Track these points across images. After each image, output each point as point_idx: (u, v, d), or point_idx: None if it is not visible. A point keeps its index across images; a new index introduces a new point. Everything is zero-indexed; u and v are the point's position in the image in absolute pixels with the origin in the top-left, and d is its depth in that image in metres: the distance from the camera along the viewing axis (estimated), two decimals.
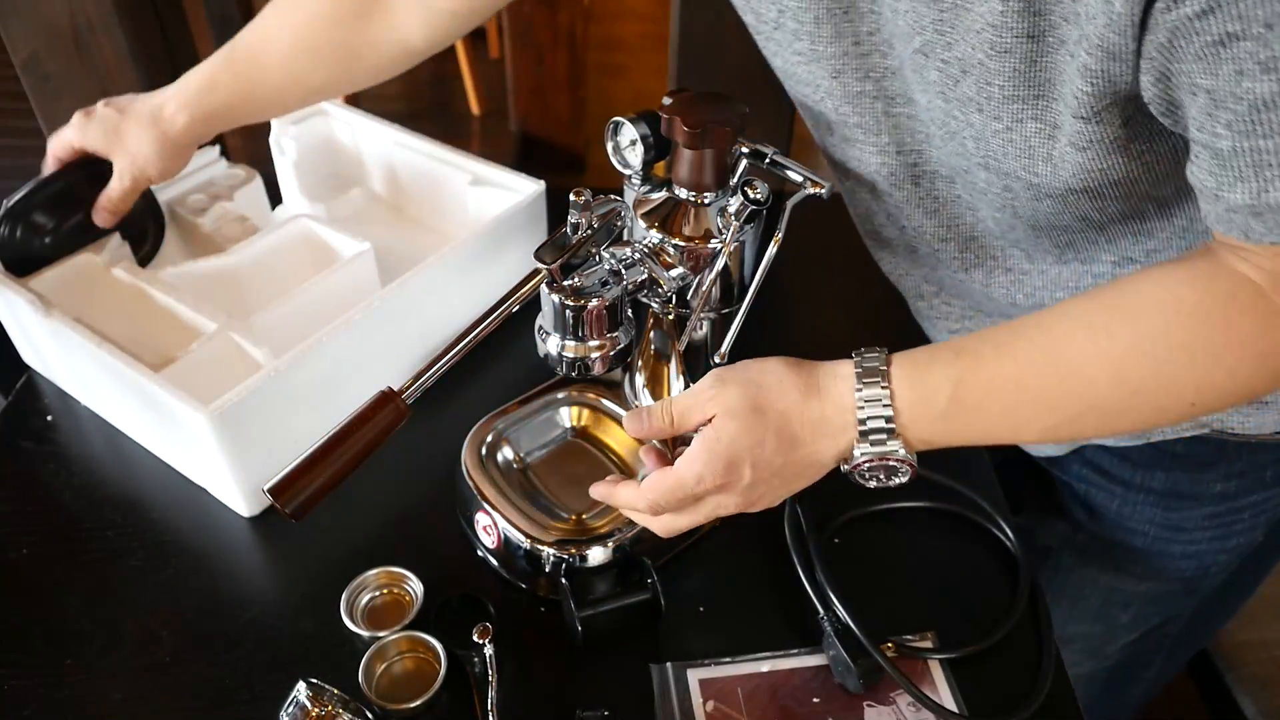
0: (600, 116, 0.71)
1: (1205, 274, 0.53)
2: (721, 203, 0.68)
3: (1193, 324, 0.53)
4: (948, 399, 0.57)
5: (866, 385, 0.57)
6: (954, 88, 0.58)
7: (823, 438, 0.59)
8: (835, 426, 0.58)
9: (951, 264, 0.75)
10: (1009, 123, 0.56)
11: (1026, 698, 0.68)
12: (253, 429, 0.76)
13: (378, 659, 0.68)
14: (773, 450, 0.58)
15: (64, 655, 0.71)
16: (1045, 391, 0.56)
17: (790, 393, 0.59)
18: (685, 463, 0.59)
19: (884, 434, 0.58)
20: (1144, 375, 0.54)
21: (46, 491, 0.82)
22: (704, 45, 1.27)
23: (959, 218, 0.71)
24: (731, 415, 0.59)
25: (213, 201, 0.97)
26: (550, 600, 0.74)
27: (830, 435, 0.59)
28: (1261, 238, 0.50)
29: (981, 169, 0.62)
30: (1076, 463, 0.84)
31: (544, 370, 0.76)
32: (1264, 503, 0.80)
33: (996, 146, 0.59)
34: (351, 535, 0.79)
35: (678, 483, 0.60)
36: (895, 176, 0.70)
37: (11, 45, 1.32)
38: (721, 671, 0.70)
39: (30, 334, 0.89)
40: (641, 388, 0.79)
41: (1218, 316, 0.52)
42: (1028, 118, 0.56)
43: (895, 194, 0.71)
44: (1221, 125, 0.47)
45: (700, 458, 0.59)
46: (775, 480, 0.60)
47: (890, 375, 0.57)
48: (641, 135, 0.68)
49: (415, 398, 0.63)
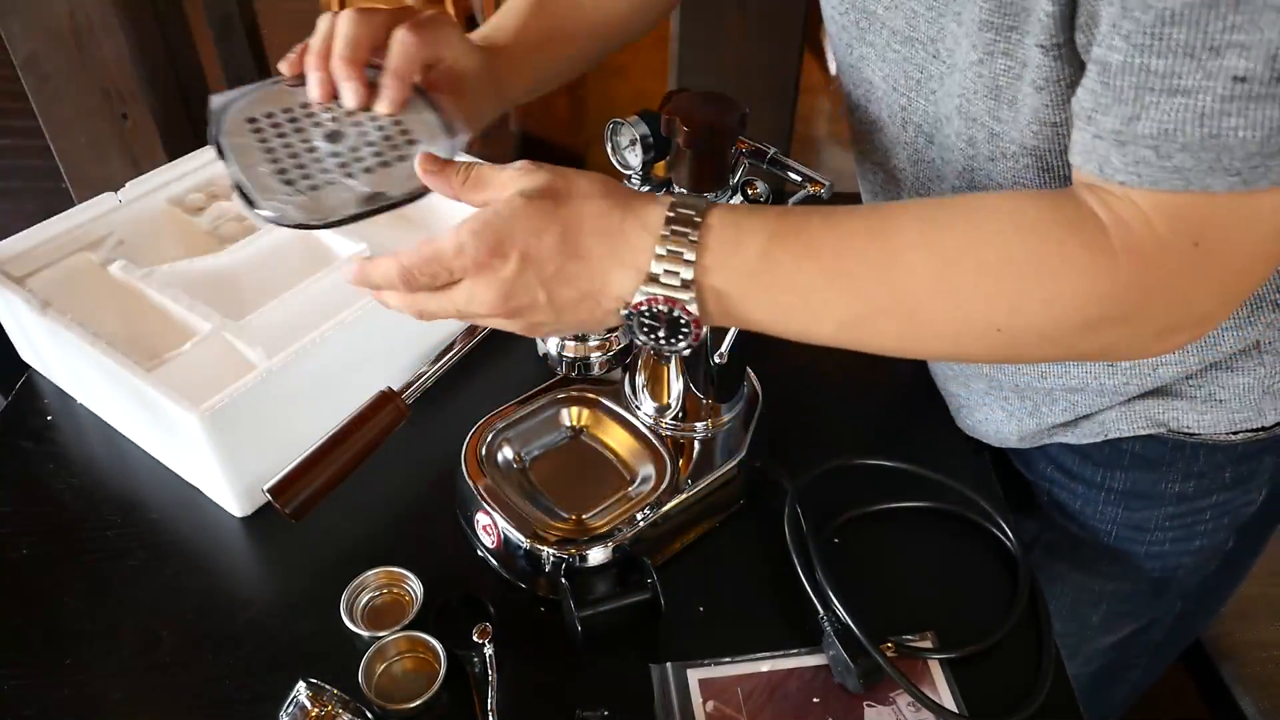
0: (600, 116, 0.71)
1: (1055, 198, 0.52)
2: (721, 202, 0.68)
3: (1028, 239, 0.51)
4: (758, 253, 0.53)
5: (679, 215, 0.53)
6: (949, 4, 0.56)
7: (611, 258, 0.53)
8: (629, 249, 0.53)
9: None
10: (982, 54, 0.55)
11: (1026, 698, 0.68)
12: (245, 430, 0.76)
13: (378, 659, 0.68)
14: (551, 248, 0.53)
15: (64, 655, 0.71)
16: (860, 274, 0.53)
17: (597, 198, 0.54)
18: (452, 231, 0.54)
19: (679, 280, 0.52)
20: (964, 279, 0.51)
21: (46, 491, 0.82)
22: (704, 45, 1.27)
23: (930, 182, 0.69)
24: (522, 192, 0.53)
25: (211, 201, 0.97)
26: (550, 600, 0.74)
27: (620, 258, 0.53)
28: (1114, 174, 0.48)
29: (957, 115, 0.60)
30: (1042, 461, 0.85)
31: (544, 370, 0.76)
32: (1225, 504, 0.79)
33: (970, 81, 0.57)
34: (351, 535, 0.79)
35: (435, 251, 0.54)
36: (890, 110, 0.69)
37: (11, 45, 1.32)
38: (721, 671, 0.70)
39: (28, 332, 0.89)
40: (641, 388, 0.79)
41: (1054, 239, 0.50)
42: (999, 51, 0.54)
43: (889, 128, 0.70)
44: (1120, 37, 0.45)
45: (468, 225, 0.53)
46: (540, 292, 0.54)
47: (708, 212, 0.53)
48: (641, 135, 0.68)
49: (415, 398, 0.63)
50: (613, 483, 0.78)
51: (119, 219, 0.93)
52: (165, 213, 0.97)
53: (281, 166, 0.60)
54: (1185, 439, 0.75)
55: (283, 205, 0.58)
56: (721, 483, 0.78)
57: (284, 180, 0.59)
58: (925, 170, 0.69)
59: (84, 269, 0.89)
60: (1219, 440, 0.74)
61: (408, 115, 0.63)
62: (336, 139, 0.62)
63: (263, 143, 0.62)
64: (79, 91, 1.35)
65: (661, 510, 0.74)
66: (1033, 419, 0.79)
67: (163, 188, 0.97)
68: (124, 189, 0.95)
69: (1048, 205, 0.52)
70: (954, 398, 0.86)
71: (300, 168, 0.60)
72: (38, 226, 0.89)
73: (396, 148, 0.61)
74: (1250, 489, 0.79)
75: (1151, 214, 0.48)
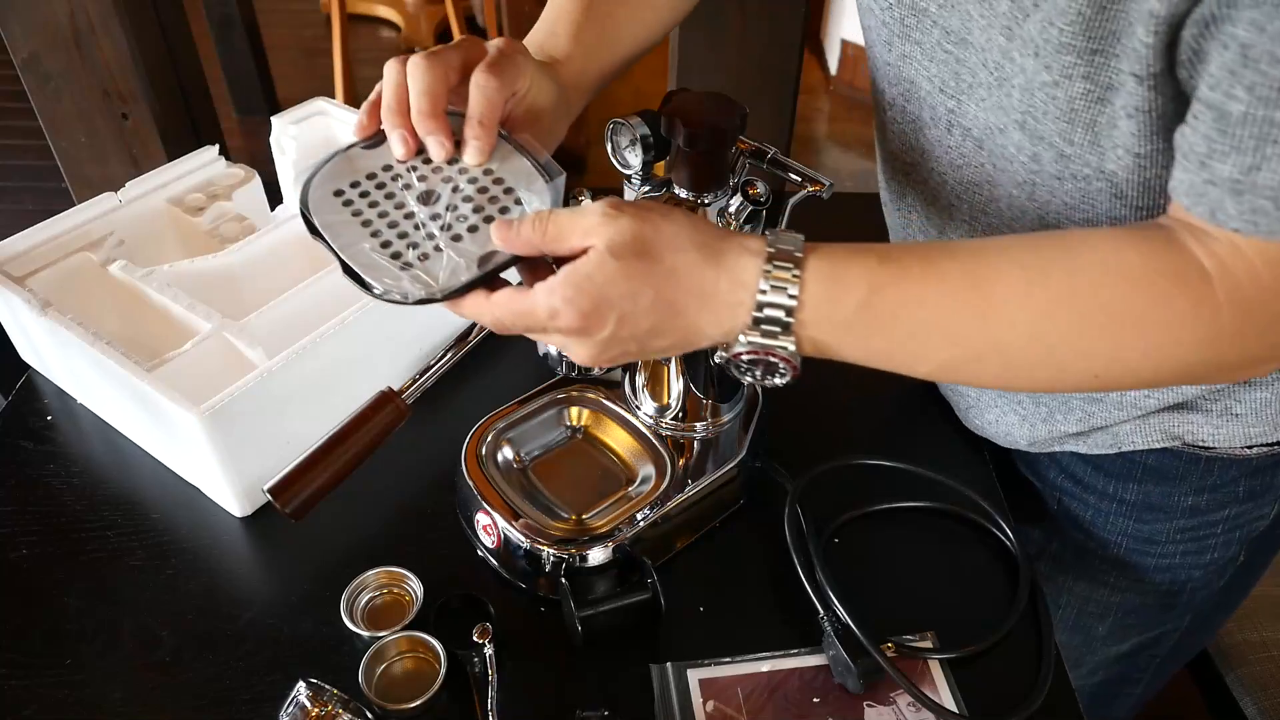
0: (600, 116, 0.70)
1: (1158, 244, 0.50)
2: (721, 203, 0.68)
3: (1130, 290, 0.50)
4: (858, 304, 0.52)
5: (776, 267, 0.51)
6: (1021, 23, 0.53)
7: (709, 312, 0.52)
8: (727, 303, 0.52)
9: (960, 228, 0.72)
10: (1058, 76, 0.52)
11: (1026, 698, 0.68)
12: (245, 430, 0.76)
13: (378, 659, 0.68)
14: (647, 309, 0.52)
15: (64, 655, 0.71)
16: (960, 322, 0.52)
17: (688, 250, 0.51)
18: (545, 293, 0.52)
19: (778, 326, 0.51)
20: (1064, 330, 0.51)
21: (46, 491, 0.82)
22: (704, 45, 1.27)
23: (977, 186, 0.67)
24: (614, 253, 0.51)
25: (211, 201, 0.97)
26: (550, 600, 0.74)
27: (717, 311, 0.52)
28: (1228, 221, 0.47)
29: (1017, 128, 0.58)
30: (1053, 470, 0.84)
31: (544, 370, 0.76)
32: (1237, 518, 0.78)
33: (1040, 101, 0.54)
34: (351, 535, 0.79)
35: (529, 311, 0.53)
36: (935, 112, 0.67)
37: (11, 45, 1.32)
38: (721, 671, 0.70)
39: (28, 332, 0.89)
40: (641, 388, 0.79)
41: (1158, 291, 0.50)
42: (1078, 75, 0.51)
43: (931, 130, 0.68)
44: (1242, 87, 0.44)
45: (562, 293, 0.51)
46: (634, 345, 0.53)
47: (805, 264, 0.51)
48: (641, 135, 0.68)
49: (415, 398, 0.63)
50: (613, 483, 0.78)
51: (119, 219, 0.93)
52: (165, 213, 0.97)
53: (384, 240, 0.57)
54: (1200, 452, 0.74)
55: (397, 283, 0.55)
56: (721, 483, 0.78)
57: (391, 254, 0.56)
58: (973, 174, 0.67)
59: (84, 269, 0.89)
60: (1233, 454, 0.73)
61: (498, 163, 0.60)
62: (431, 199, 0.58)
63: (357, 215, 0.58)
64: (79, 91, 1.35)
65: (661, 510, 0.74)
66: (1045, 425, 0.78)
67: (163, 188, 0.97)
68: (124, 189, 0.95)
69: (1150, 252, 0.50)
70: (962, 398, 0.86)
71: (403, 237, 0.57)
72: (38, 226, 0.89)
73: (496, 200, 0.58)
74: (1263, 503, 0.78)
75: (1259, 263, 0.48)
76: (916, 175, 0.74)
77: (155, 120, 1.39)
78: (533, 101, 0.64)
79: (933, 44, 0.64)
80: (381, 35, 3.66)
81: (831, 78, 3.40)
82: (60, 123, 1.40)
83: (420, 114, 0.59)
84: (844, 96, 3.35)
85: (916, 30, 0.65)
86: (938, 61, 0.64)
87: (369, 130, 0.62)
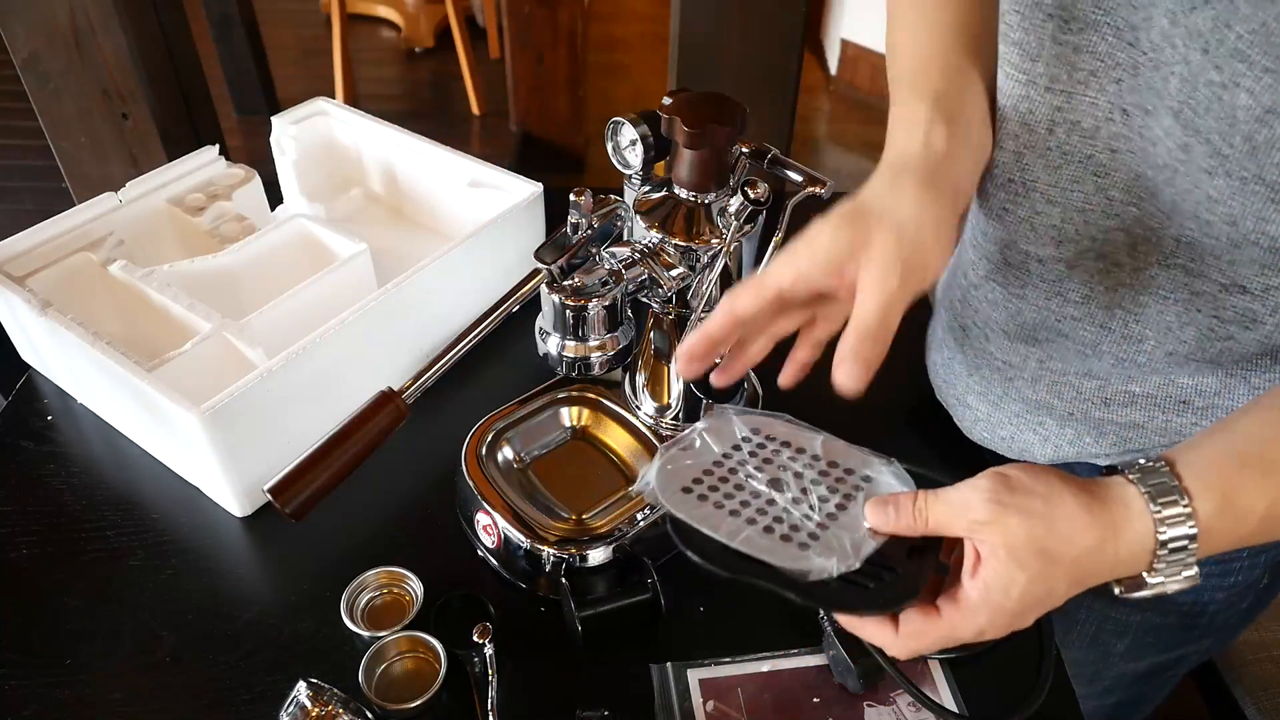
0: (600, 116, 0.71)
1: None
2: (721, 203, 0.68)
3: None
4: (1258, 522, 0.51)
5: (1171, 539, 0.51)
6: (1187, 14, 0.49)
7: (1115, 574, 0.53)
8: (1128, 564, 0.52)
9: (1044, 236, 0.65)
10: (1225, 79, 0.49)
11: (1026, 698, 0.68)
12: (245, 430, 0.76)
13: (378, 659, 0.68)
14: (1062, 595, 0.52)
15: (64, 655, 0.71)
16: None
17: (1084, 537, 0.51)
18: (964, 618, 0.52)
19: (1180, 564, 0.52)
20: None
21: (46, 491, 0.82)
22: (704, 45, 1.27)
23: (1077, 183, 0.62)
24: (1018, 562, 0.50)
25: (211, 201, 0.97)
26: (550, 600, 0.74)
27: (1123, 572, 0.53)
28: None
29: (1170, 115, 0.54)
30: None
31: (544, 370, 0.76)
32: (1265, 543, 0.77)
33: (1202, 98, 0.51)
34: (351, 535, 0.79)
35: (949, 634, 0.53)
36: (1030, 115, 0.62)
37: (11, 45, 1.32)
38: (721, 671, 0.70)
39: (28, 332, 0.89)
40: (641, 388, 0.79)
41: None
42: (1244, 88, 0.48)
43: (1020, 136, 0.63)
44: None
45: (984, 613, 0.51)
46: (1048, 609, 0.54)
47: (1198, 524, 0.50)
48: (641, 135, 0.68)
49: (415, 398, 0.63)
50: (613, 483, 0.78)
51: (119, 219, 0.93)
52: (165, 213, 0.97)
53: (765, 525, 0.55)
54: None
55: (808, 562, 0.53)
56: None
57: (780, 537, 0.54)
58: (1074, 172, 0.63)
59: (84, 269, 0.89)
60: None
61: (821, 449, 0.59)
62: (783, 486, 0.57)
63: (720, 508, 0.56)
64: (79, 91, 1.35)
65: (661, 510, 0.74)
66: (1071, 447, 0.76)
67: (163, 188, 0.97)
68: (124, 189, 0.95)
69: None
70: (969, 410, 0.82)
71: (779, 521, 0.55)
72: (38, 226, 0.89)
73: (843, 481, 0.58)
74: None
75: None
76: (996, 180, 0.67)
77: (155, 120, 1.39)
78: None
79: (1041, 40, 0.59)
80: (381, 35, 3.66)
81: (831, 78, 3.40)
82: (60, 123, 1.40)
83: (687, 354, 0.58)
84: (844, 96, 3.35)
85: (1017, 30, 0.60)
86: (1045, 59, 0.60)
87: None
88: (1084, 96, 0.60)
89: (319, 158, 1.09)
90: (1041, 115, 0.62)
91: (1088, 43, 0.58)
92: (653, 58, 3.53)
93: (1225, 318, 0.63)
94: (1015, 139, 0.64)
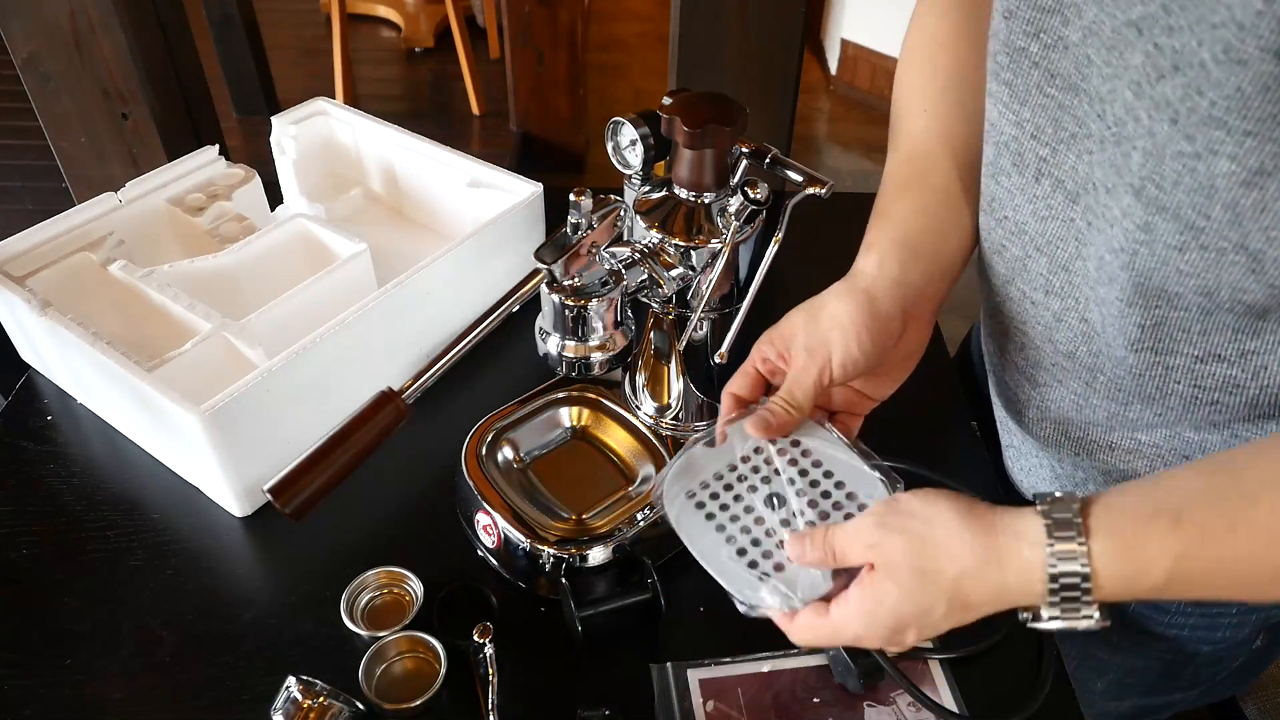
0: (600, 116, 0.71)
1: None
2: (721, 203, 0.68)
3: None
4: (1162, 580, 0.49)
5: (1062, 571, 0.50)
6: (1154, 84, 0.48)
7: (1003, 603, 0.52)
8: (1018, 594, 0.52)
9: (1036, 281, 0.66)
10: (1200, 149, 0.47)
11: (1026, 698, 0.68)
12: (245, 430, 0.76)
13: (378, 659, 0.68)
14: (942, 616, 0.53)
15: (64, 655, 0.71)
16: (1266, 577, 0.49)
17: (964, 556, 0.52)
18: (843, 618, 0.55)
19: (1078, 602, 0.50)
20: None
21: (46, 491, 0.82)
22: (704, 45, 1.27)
23: (1062, 242, 0.62)
24: (893, 577, 0.53)
25: (211, 201, 0.97)
26: (550, 600, 0.74)
27: (1012, 601, 0.52)
28: None
29: (1130, 194, 0.53)
30: None
31: (544, 370, 0.76)
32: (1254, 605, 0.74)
33: (1170, 171, 0.49)
34: (351, 535, 0.79)
35: (833, 634, 0.55)
36: (1022, 159, 0.62)
37: (11, 45, 1.32)
38: (721, 671, 0.70)
39: (28, 332, 0.89)
40: (641, 388, 0.79)
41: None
42: (1224, 154, 0.46)
43: (1014, 176, 0.64)
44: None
45: (859, 620, 0.54)
46: (931, 632, 0.55)
47: (1093, 557, 0.49)
48: (641, 135, 0.68)
49: (415, 398, 0.63)
50: (613, 483, 0.78)
51: (119, 219, 0.93)
52: (165, 213, 0.97)
53: (740, 546, 0.59)
54: None
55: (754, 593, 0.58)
56: None
57: (748, 563, 0.59)
58: (1059, 229, 0.62)
59: (84, 269, 0.89)
60: None
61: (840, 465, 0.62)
62: (777, 504, 0.61)
63: (710, 519, 0.61)
64: (79, 91, 1.35)
65: (661, 510, 0.74)
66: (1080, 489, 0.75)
67: (163, 188, 0.97)
68: (124, 189, 0.95)
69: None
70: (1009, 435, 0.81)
71: (756, 544, 0.59)
72: (38, 226, 0.89)
73: (840, 506, 0.60)
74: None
75: None
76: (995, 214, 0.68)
77: (155, 120, 1.39)
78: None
79: (1028, 87, 0.59)
80: (381, 35, 3.66)
81: (831, 78, 3.40)
82: (60, 123, 1.40)
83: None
84: (844, 96, 3.35)
85: (1007, 70, 0.60)
86: (1031, 106, 0.60)
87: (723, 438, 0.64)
88: (1066, 157, 0.59)
89: (319, 158, 1.09)
90: (1030, 161, 0.62)
91: (1070, 103, 0.57)
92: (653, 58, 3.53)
93: (1206, 386, 0.61)
94: (1008, 177, 0.64)
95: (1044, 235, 0.63)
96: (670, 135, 0.66)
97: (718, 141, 0.65)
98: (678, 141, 0.65)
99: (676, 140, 0.65)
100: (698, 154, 0.66)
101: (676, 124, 0.64)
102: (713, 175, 0.67)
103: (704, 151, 0.66)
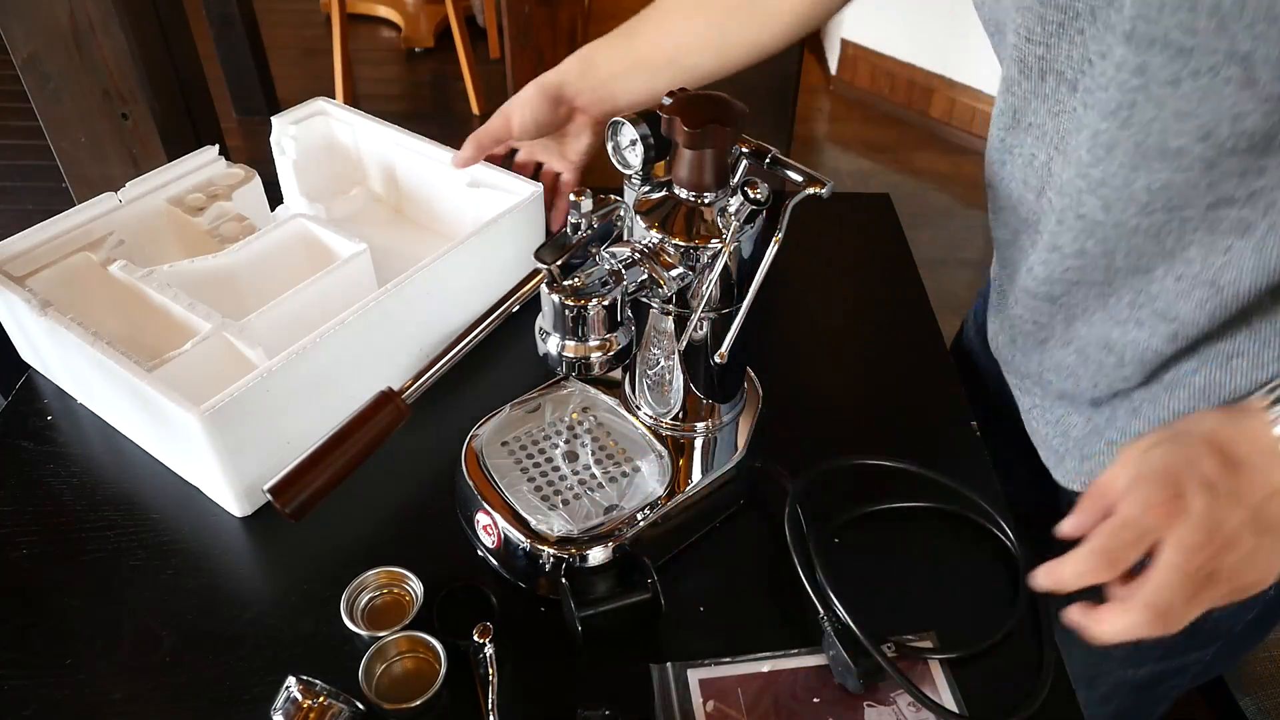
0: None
1: None
2: (721, 203, 0.68)
3: None
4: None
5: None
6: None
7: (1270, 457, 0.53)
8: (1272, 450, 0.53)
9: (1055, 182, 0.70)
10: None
11: (1027, 698, 0.68)
12: (245, 430, 0.76)
13: (378, 659, 0.68)
14: (1214, 469, 0.53)
15: (64, 655, 0.71)
16: None
17: (1207, 419, 0.55)
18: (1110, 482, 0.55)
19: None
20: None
21: (46, 491, 0.82)
22: None
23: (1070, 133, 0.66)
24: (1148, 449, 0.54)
25: (211, 201, 0.97)
26: (550, 600, 0.74)
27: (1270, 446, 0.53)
28: None
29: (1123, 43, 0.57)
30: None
31: (544, 370, 0.76)
32: None
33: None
34: (351, 535, 0.79)
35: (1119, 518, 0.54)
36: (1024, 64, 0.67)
37: (11, 45, 1.32)
38: (721, 671, 0.70)
39: (28, 332, 0.89)
40: (641, 388, 0.79)
41: None
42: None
43: (1023, 83, 0.68)
44: None
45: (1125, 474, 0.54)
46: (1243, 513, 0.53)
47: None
48: (641, 135, 0.68)
49: (415, 398, 0.62)
50: None
51: (119, 219, 0.93)
52: (165, 213, 0.97)
53: (538, 485, 0.75)
54: None
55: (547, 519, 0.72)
56: (721, 483, 0.78)
57: (542, 498, 0.74)
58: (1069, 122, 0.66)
59: (84, 269, 0.89)
60: None
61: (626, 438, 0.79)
62: (573, 460, 0.76)
63: (518, 464, 0.76)
64: (79, 91, 1.35)
65: (661, 510, 0.74)
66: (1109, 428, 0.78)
67: (163, 188, 0.97)
68: (124, 189, 0.95)
69: None
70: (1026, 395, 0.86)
71: (551, 485, 0.75)
72: (38, 226, 0.89)
73: (619, 464, 0.77)
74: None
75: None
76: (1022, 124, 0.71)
77: (155, 120, 1.39)
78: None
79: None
80: (381, 35, 3.66)
81: (831, 78, 3.40)
82: (60, 123, 1.40)
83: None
84: (844, 96, 3.35)
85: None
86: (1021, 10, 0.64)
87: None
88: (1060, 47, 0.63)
89: (319, 158, 1.09)
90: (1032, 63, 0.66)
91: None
92: None
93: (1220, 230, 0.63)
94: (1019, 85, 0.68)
95: (1058, 132, 0.67)
96: (670, 135, 0.66)
97: (718, 141, 0.65)
98: (678, 141, 0.65)
99: (676, 140, 0.65)
100: (698, 154, 0.66)
101: (676, 124, 0.64)
102: (713, 175, 0.67)
103: (704, 151, 0.66)
